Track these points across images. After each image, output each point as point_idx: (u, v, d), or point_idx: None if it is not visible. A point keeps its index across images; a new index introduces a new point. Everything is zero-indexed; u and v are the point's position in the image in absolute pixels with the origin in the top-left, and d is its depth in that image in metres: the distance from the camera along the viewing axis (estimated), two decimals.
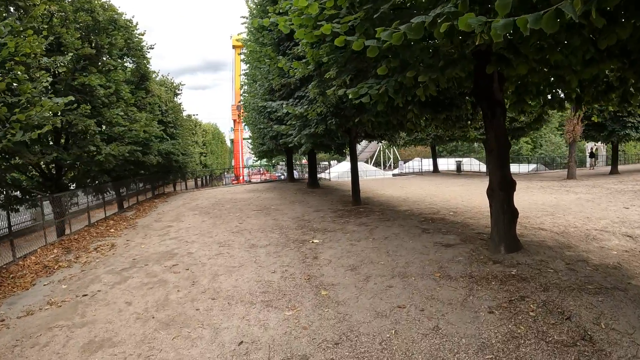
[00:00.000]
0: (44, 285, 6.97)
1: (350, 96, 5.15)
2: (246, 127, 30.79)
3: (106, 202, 17.01)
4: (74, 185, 14.36)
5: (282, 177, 37.42)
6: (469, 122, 10.08)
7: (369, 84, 5.24)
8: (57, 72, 10.26)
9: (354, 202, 12.65)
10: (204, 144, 42.02)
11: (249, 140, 31.08)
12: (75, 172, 14.00)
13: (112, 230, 12.42)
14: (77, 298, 6.17)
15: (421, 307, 4.49)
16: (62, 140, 12.68)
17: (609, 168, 33.41)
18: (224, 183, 38.03)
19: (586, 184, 18.28)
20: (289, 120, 10.18)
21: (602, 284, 5.01)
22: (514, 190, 6.13)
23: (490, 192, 5.99)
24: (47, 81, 9.04)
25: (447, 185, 19.86)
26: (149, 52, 17.44)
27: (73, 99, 9.97)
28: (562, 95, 7.57)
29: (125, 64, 17.17)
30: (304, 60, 7.12)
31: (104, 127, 13.09)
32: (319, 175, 31.91)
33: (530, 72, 5.96)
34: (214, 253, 7.97)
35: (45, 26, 10.23)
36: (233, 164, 53.86)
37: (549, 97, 7.63)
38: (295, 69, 7.54)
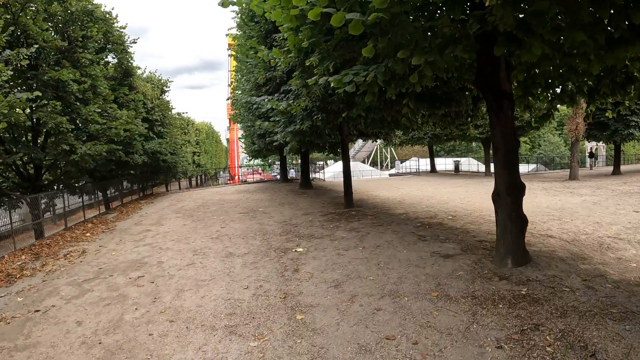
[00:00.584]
0: (0, 297, 6.21)
1: (332, 84, 4.36)
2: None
3: (90, 204, 16.18)
4: (58, 186, 13.54)
5: (279, 176, 36.58)
6: (469, 118, 9.31)
7: (355, 71, 4.44)
8: (19, 65, 9.41)
9: (346, 204, 11.86)
10: (197, 143, 41.11)
11: (242, 140, 30.29)
12: (57, 173, 13.21)
13: (88, 234, 11.59)
14: (28, 314, 5.44)
15: (414, 339, 3.69)
16: (41, 139, 11.89)
17: (609, 168, 32.77)
18: (219, 183, 37.23)
19: (590, 185, 17.55)
20: (273, 116, 9.37)
21: (627, 307, 4.23)
22: (523, 195, 5.35)
23: (496, 198, 5.20)
24: (7, 75, 8.23)
25: (445, 186, 19.10)
26: (131, 47, 16.58)
27: (40, 94, 9.17)
28: (573, 88, 6.80)
29: (108, 59, 16.34)
30: (285, 48, 6.34)
31: (80, 125, 12.29)
32: (314, 176, 31.10)
33: (543, 59, 5.18)
34: (185, 263, 7.15)
35: (8, 16, 9.42)
36: (229, 164, 53.03)
37: (558, 90, 6.88)
38: (277, 59, 6.73)
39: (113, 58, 16.37)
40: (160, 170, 23.23)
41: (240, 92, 14.85)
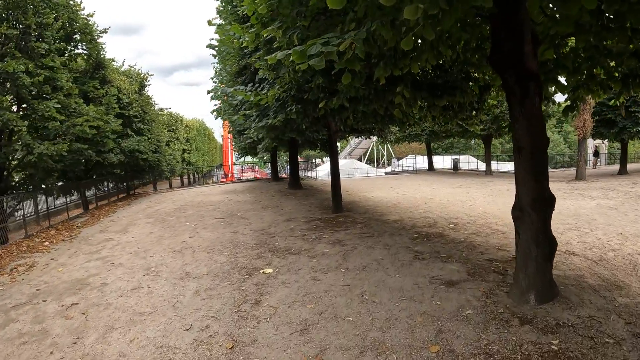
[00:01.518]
0: None
1: (292, 57, 3.08)
2: None
3: (61, 207, 14.89)
4: (26, 189, 12.23)
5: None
6: (474, 112, 8.03)
7: (325, 39, 3.15)
8: None
9: (334, 209, 10.58)
10: (188, 140, 39.65)
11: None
12: (23, 174, 11.93)
13: (46, 243, 10.27)
14: None
15: None
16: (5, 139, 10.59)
17: (612, 167, 31.62)
18: (212, 181, 35.81)
19: (599, 186, 16.33)
20: (244, 108, 8.03)
21: None
22: (553, 209, 4.08)
23: (517, 214, 3.93)
24: None
25: (444, 186, 17.84)
26: (101, 37, 15.17)
27: None
28: (603, 73, 5.54)
29: (77, 51, 14.95)
30: (248, 24, 5.04)
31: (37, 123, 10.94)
32: (307, 174, 29.79)
33: (579, 29, 3.90)
34: (131, 286, 5.87)
35: None
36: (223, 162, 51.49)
37: (585, 76, 5.60)
38: (241, 37, 5.43)
39: (83, 49, 14.99)
40: (143, 170, 21.90)
41: (218, 83, 13.51)
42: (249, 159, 44.68)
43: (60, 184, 14.54)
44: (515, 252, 4.20)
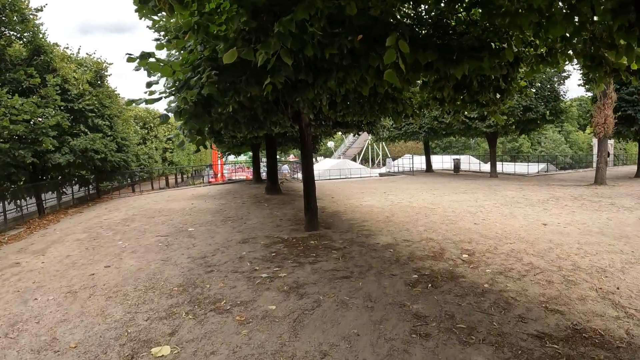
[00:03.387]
0: None
1: None
2: None
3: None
4: None
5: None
6: (497, 94, 5.58)
7: None
8: None
9: (307, 226, 8.10)
10: (170, 139, 37.03)
11: None
12: None
13: None
14: None
15: None
16: None
17: (621, 169, 29.38)
18: (199, 182, 33.30)
19: (625, 192, 13.95)
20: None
21: None
22: None
23: None
24: None
25: (446, 191, 15.38)
26: (38, 17, 12.63)
27: None
28: None
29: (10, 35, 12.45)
30: None
31: None
32: (296, 175, 27.29)
33: None
34: None
35: None
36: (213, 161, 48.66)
37: None
38: None
39: (13, 33, 12.46)
40: (110, 171, 19.36)
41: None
42: (241, 157, 42.12)
43: None
44: None
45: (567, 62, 5.62)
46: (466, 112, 6.31)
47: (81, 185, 19.38)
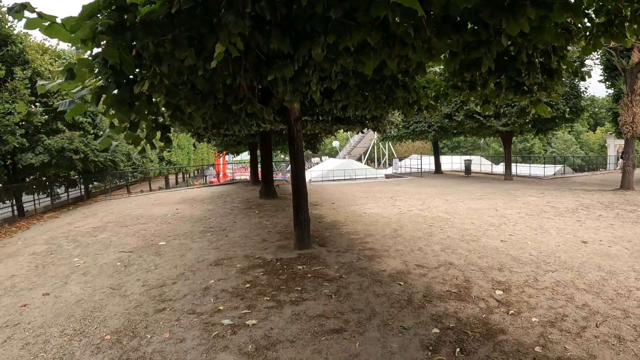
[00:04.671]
0: None
1: None
2: None
3: None
4: None
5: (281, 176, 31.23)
6: (545, 76, 4.09)
7: None
8: None
9: (297, 243, 6.63)
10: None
11: None
12: None
13: None
14: None
15: None
16: None
17: (638, 171, 27.53)
18: (199, 183, 32.01)
19: None
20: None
21: None
22: None
23: None
24: None
25: (460, 196, 13.85)
26: (1, 6, 11.30)
27: None
28: None
29: None
30: None
31: None
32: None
33: None
34: None
35: None
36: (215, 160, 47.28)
37: None
38: None
39: None
40: (97, 172, 18.08)
41: None
42: (245, 156, 40.72)
43: None
44: None
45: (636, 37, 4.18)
46: (497, 102, 4.79)
47: (68, 187, 18.11)
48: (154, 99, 3.26)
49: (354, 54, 3.08)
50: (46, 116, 12.97)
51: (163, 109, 3.55)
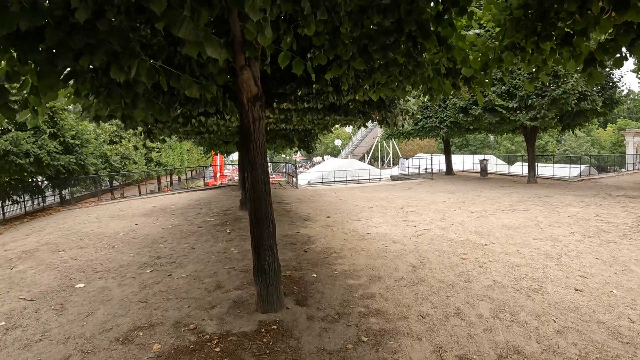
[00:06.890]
0: None
1: None
2: None
3: None
4: None
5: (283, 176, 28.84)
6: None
7: None
8: None
9: (260, 303, 4.17)
10: None
11: None
12: None
13: None
14: None
15: None
16: None
17: None
18: (194, 185, 29.70)
19: None
20: None
21: None
22: None
23: None
24: None
25: (487, 205, 11.32)
26: None
27: None
28: None
29: None
30: None
31: None
32: (295, 180, 23.41)
33: None
34: None
35: None
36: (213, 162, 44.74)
37: None
38: None
39: None
40: (62, 177, 15.71)
41: None
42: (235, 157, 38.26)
43: None
44: None
45: None
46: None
47: (24, 194, 15.78)
48: None
49: None
50: None
51: None
